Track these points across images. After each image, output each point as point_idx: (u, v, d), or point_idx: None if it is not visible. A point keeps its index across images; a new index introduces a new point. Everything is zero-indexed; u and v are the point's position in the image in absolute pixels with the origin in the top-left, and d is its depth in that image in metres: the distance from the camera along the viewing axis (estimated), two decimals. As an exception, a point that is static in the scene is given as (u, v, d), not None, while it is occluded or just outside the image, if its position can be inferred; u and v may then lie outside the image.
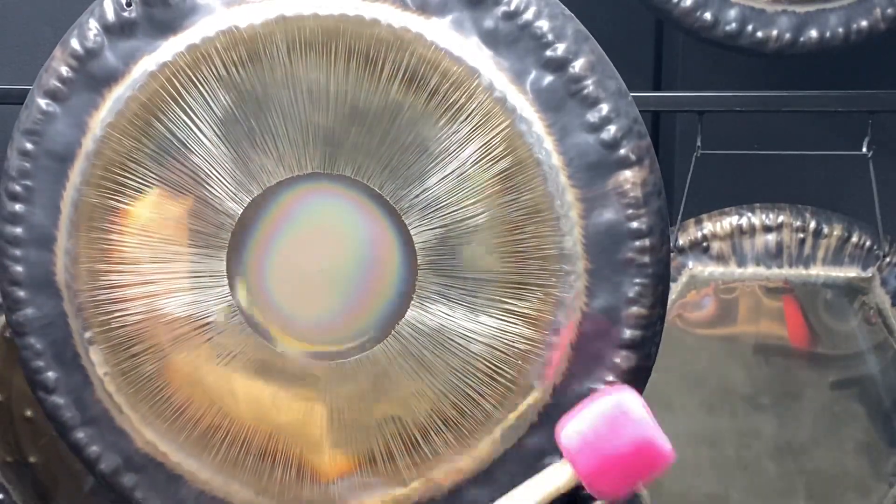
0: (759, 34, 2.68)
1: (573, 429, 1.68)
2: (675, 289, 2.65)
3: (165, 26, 1.78)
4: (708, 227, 2.71)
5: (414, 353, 1.79)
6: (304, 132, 1.76)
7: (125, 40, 1.79)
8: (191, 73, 1.76)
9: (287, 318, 1.82)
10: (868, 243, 2.66)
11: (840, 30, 2.68)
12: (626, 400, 1.67)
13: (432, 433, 1.81)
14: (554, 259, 1.74)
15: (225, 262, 1.80)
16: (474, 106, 1.72)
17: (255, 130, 1.77)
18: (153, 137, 1.78)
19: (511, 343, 1.76)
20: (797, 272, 2.67)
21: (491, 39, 1.73)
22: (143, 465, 1.89)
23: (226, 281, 1.81)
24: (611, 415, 1.67)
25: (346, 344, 1.79)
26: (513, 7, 1.72)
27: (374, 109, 1.74)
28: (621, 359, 1.76)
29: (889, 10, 2.66)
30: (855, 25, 2.68)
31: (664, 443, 1.65)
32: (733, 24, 2.67)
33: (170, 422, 1.85)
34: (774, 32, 2.68)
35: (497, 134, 1.72)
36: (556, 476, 1.69)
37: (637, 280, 1.74)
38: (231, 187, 1.78)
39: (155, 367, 1.84)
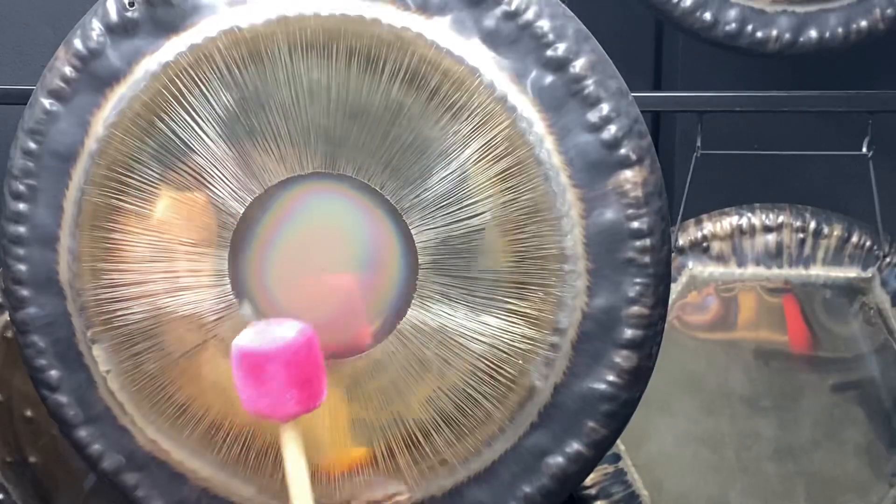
0: (759, 34, 2.68)
1: (242, 404, 1.71)
2: (675, 289, 2.65)
3: (168, 26, 1.78)
4: (708, 227, 2.71)
5: (415, 352, 1.79)
6: (305, 132, 1.76)
7: (128, 40, 1.79)
8: (193, 73, 1.76)
9: (288, 317, 1.82)
10: (868, 243, 2.66)
11: (840, 30, 2.68)
12: (236, 343, 1.70)
13: (433, 432, 1.81)
14: (555, 259, 1.74)
15: (227, 261, 1.81)
16: (475, 106, 1.72)
17: (257, 130, 1.77)
18: (155, 137, 1.78)
19: (512, 342, 1.77)
20: (797, 272, 2.67)
21: (491, 39, 1.73)
22: (145, 463, 1.90)
23: (228, 280, 1.81)
24: (237, 367, 1.69)
25: (346, 343, 1.80)
26: (513, 7, 1.72)
27: (375, 109, 1.74)
28: (622, 358, 1.76)
29: (889, 11, 2.66)
30: (855, 25, 2.68)
31: (279, 337, 1.68)
32: (733, 24, 2.67)
33: (172, 420, 1.85)
34: (774, 32, 2.67)
35: (498, 134, 1.72)
36: (286, 442, 1.72)
37: (638, 280, 1.74)
38: (233, 187, 1.79)
39: (157, 366, 1.85)
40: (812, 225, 2.67)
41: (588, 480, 2.72)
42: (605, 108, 1.72)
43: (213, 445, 1.86)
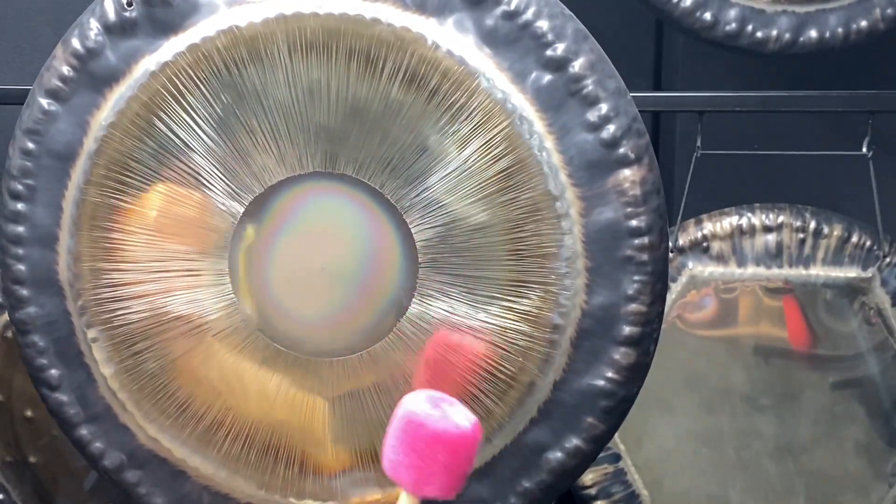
0: (759, 34, 2.68)
1: (386, 459, 1.67)
2: (675, 289, 2.65)
3: (166, 26, 1.78)
4: (708, 227, 2.71)
5: (415, 349, 1.79)
6: (305, 131, 1.77)
7: (126, 40, 1.80)
8: (192, 73, 1.76)
9: (289, 315, 1.82)
10: (868, 243, 2.66)
11: (840, 30, 2.67)
12: (408, 407, 1.66)
13: (433, 429, 1.81)
14: (554, 257, 1.74)
15: (227, 261, 1.81)
16: (475, 105, 1.72)
17: (256, 130, 1.77)
18: (154, 137, 1.79)
19: (511, 340, 1.77)
20: (797, 272, 2.67)
21: (491, 39, 1.73)
22: (146, 460, 1.90)
23: (228, 279, 1.82)
24: (402, 429, 1.65)
25: (347, 341, 1.80)
26: (513, 7, 1.73)
27: (375, 109, 1.74)
28: (620, 355, 1.77)
29: (889, 11, 2.66)
30: (855, 25, 2.67)
31: (457, 424, 1.64)
32: (733, 24, 2.67)
33: (173, 418, 1.86)
34: (774, 32, 2.67)
35: (497, 133, 1.73)
36: None
37: (636, 277, 1.74)
38: (232, 186, 1.79)
39: (158, 365, 1.85)
40: (812, 225, 2.67)
41: (588, 480, 2.73)
42: (604, 107, 1.72)
43: (215, 443, 1.87)
